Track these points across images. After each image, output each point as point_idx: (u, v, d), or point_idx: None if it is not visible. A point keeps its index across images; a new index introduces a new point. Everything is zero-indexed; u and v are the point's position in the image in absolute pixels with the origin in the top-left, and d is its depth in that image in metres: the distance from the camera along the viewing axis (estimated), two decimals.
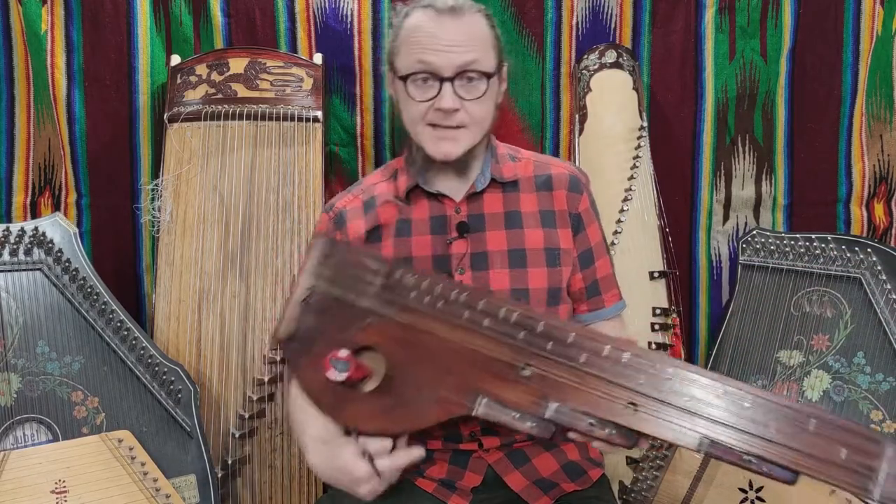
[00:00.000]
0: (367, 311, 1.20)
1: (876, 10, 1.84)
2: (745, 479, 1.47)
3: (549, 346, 1.12)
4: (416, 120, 1.28)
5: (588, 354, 1.10)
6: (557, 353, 1.11)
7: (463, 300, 1.17)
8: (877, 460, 0.98)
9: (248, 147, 1.75)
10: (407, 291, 1.20)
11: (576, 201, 1.36)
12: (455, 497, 1.28)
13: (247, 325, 1.69)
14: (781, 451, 1.01)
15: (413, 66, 1.24)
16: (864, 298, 1.61)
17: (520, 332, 1.13)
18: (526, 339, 1.13)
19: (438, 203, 1.35)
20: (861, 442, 1.00)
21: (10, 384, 1.47)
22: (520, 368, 1.12)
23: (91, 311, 1.54)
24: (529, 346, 1.12)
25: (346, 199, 1.42)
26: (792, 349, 1.64)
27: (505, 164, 1.37)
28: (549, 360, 1.11)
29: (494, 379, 1.12)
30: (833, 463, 0.99)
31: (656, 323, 1.69)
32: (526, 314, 1.15)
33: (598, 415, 1.07)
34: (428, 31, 1.24)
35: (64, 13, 1.82)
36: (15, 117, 1.87)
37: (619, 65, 1.84)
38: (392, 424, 1.15)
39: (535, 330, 1.13)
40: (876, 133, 1.88)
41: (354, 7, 1.86)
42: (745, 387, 1.05)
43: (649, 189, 1.78)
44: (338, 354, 1.14)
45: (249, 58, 1.79)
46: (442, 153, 1.27)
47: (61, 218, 1.59)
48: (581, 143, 1.82)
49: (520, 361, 1.12)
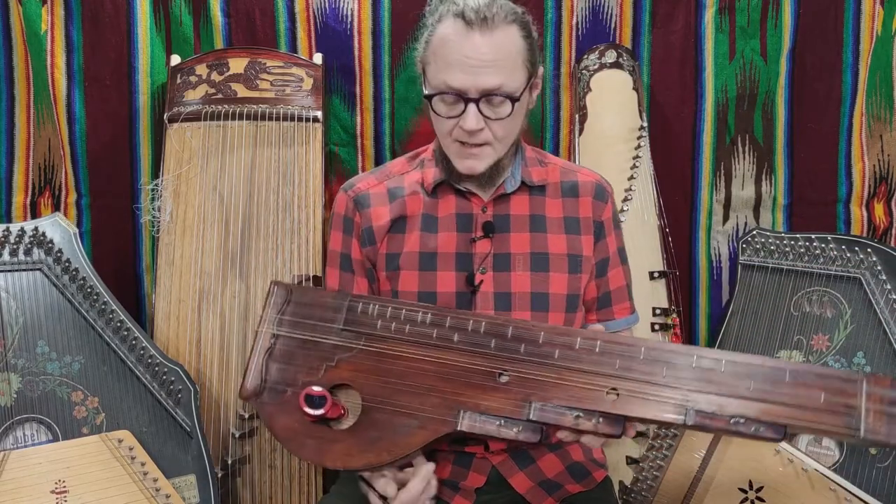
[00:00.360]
0: (334, 349, 1.21)
1: (876, 10, 1.83)
2: (745, 479, 1.47)
3: (522, 349, 1.13)
4: (444, 134, 1.27)
5: (561, 350, 1.12)
6: (531, 353, 1.13)
7: (430, 320, 1.18)
8: (855, 398, 1.02)
9: (248, 147, 1.75)
10: (372, 321, 1.21)
11: (600, 209, 1.37)
12: (458, 497, 1.28)
13: (247, 325, 1.69)
14: (764, 407, 1.04)
15: (439, 85, 1.22)
16: (864, 298, 1.61)
17: (491, 340, 1.15)
18: (498, 346, 1.14)
19: (465, 200, 1.35)
20: (837, 384, 1.03)
21: (10, 384, 1.46)
22: (497, 376, 1.13)
23: (91, 311, 1.54)
24: (503, 352, 1.14)
25: (369, 181, 1.41)
26: (792, 349, 1.64)
27: (534, 168, 1.37)
28: (525, 361, 1.13)
29: (473, 390, 1.13)
30: (815, 409, 1.03)
31: (656, 323, 1.70)
32: (494, 322, 1.16)
33: (582, 406, 1.08)
34: (456, 48, 1.20)
35: (64, 13, 1.82)
36: (15, 117, 1.87)
37: (619, 65, 1.84)
38: (379, 456, 1.14)
39: (506, 335, 1.14)
40: (876, 133, 1.88)
41: (354, 7, 1.86)
42: (716, 352, 1.08)
43: (649, 189, 1.78)
44: (312, 390, 1.14)
45: (249, 58, 1.79)
46: (466, 168, 1.27)
47: (61, 218, 1.59)
48: (581, 143, 1.82)
49: (496, 369, 1.13)
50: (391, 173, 1.41)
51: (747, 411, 1.04)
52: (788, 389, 1.04)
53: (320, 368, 1.19)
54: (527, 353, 1.13)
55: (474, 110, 1.21)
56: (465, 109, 1.21)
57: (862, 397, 1.02)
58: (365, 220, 1.37)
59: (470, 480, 1.30)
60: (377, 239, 1.36)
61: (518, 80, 1.23)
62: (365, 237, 1.37)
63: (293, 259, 1.71)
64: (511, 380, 1.12)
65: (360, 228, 1.37)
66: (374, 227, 1.36)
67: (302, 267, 1.70)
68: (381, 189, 1.39)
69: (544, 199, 1.36)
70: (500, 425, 1.10)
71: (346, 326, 1.21)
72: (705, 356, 1.07)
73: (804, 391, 1.04)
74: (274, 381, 1.21)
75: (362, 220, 1.37)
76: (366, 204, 1.37)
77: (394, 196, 1.37)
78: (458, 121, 1.23)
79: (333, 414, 1.15)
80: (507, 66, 1.21)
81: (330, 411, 1.13)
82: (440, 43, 1.23)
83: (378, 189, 1.39)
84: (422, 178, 1.38)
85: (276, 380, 1.21)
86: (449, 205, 1.35)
